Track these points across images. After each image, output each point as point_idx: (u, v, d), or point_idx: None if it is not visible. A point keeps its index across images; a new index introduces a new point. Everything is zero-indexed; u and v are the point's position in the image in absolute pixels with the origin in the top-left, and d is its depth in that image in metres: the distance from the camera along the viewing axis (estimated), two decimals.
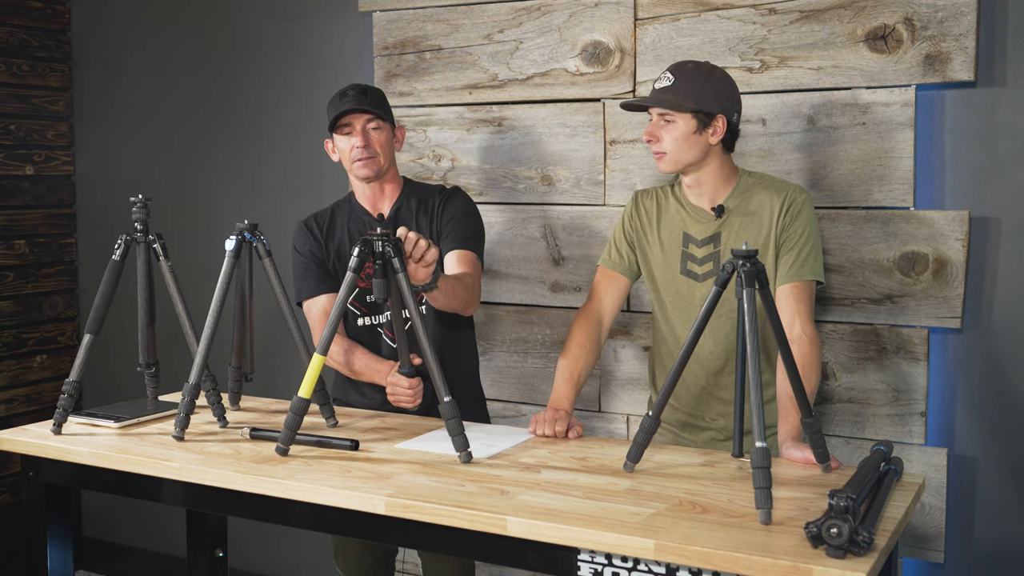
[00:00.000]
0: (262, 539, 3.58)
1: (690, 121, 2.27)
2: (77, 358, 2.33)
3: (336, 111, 2.52)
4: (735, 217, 2.34)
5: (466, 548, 1.82)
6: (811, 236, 2.31)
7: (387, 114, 2.57)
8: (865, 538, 1.51)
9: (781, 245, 2.31)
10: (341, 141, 2.55)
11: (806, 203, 2.32)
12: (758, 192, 2.34)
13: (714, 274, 2.33)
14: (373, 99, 2.54)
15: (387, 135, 2.56)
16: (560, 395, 2.33)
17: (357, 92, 2.53)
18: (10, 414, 3.80)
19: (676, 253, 2.38)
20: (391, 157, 2.59)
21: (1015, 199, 2.51)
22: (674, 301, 2.40)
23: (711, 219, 2.35)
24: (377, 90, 2.60)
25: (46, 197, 3.93)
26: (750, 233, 2.32)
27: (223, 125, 3.65)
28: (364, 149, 2.52)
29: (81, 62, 3.96)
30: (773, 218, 2.31)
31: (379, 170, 2.55)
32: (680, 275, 2.38)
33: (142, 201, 2.38)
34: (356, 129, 2.52)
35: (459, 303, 2.41)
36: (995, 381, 2.55)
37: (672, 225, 2.40)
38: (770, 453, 1.72)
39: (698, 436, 2.43)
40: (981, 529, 2.59)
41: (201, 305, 2.34)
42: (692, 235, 2.37)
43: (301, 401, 2.06)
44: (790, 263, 2.29)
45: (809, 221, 2.31)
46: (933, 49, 2.52)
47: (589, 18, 2.94)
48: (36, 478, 2.26)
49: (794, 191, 2.33)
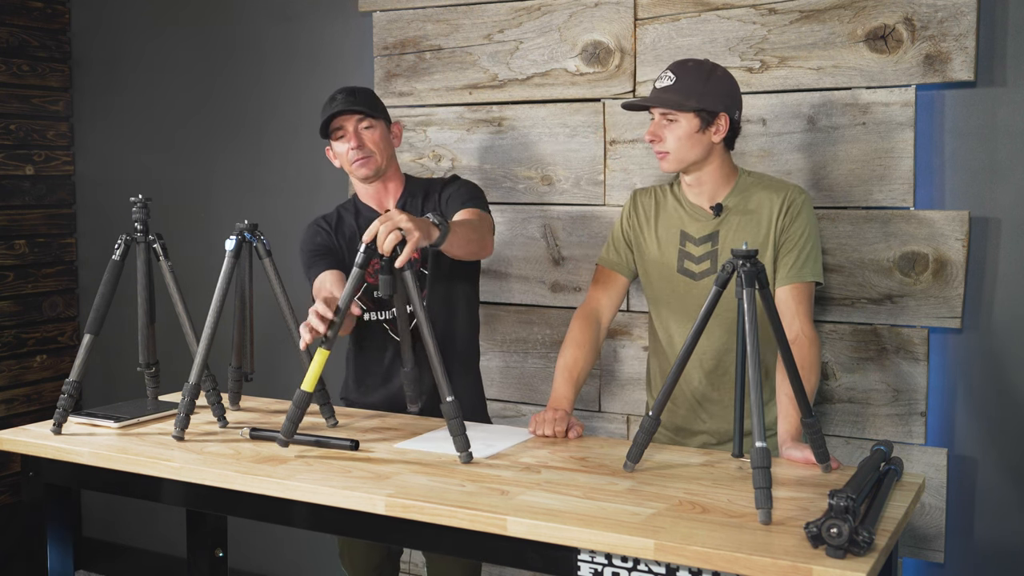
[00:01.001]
0: (262, 539, 3.58)
1: (693, 120, 2.26)
2: (77, 358, 2.33)
3: (326, 115, 2.52)
4: (733, 216, 2.34)
5: (466, 548, 1.82)
6: (811, 237, 2.30)
7: (378, 112, 2.56)
8: (865, 538, 1.51)
9: (781, 246, 2.31)
10: (337, 146, 2.55)
11: (805, 204, 2.32)
12: (757, 191, 2.34)
13: (711, 273, 2.33)
14: (361, 99, 2.53)
15: (381, 132, 2.55)
16: (559, 395, 2.33)
17: (345, 95, 2.53)
18: (10, 414, 3.80)
19: (673, 251, 2.38)
20: (389, 154, 2.58)
21: (1015, 199, 2.51)
22: (669, 300, 2.40)
23: (709, 217, 2.35)
24: (365, 89, 2.59)
25: (46, 197, 3.93)
26: (748, 232, 2.32)
27: (223, 125, 3.65)
28: (359, 150, 2.51)
29: (81, 62, 3.96)
30: (772, 218, 2.31)
31: (378, 168, 2.55)
32: (677, 273, 2.38)
33: (142, 201, 2.38)
34: (348, 131, 2.52)
35: (475, 246, 2.38)
36: (995, 381, 2.55)
37: (670, 223, 2.40)
38: (770, 453, 1.72)
39: (691, 440, 2.43)
40: (981, 529, 2.59)
41: (201, 305, 2.34)
42: (690, 233, 2.37)
43: (303, 394, 2.06)
44: (790, 264, 2.29)
45: (809, 222, 2.31)
46: (933, 49, 2.52)
47: (589, 18, 2.94)
48: (36, 478, 2.26)
49: (794, 191, 2.33)
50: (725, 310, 2.30)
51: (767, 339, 2.21)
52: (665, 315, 2.42)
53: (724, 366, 2.35)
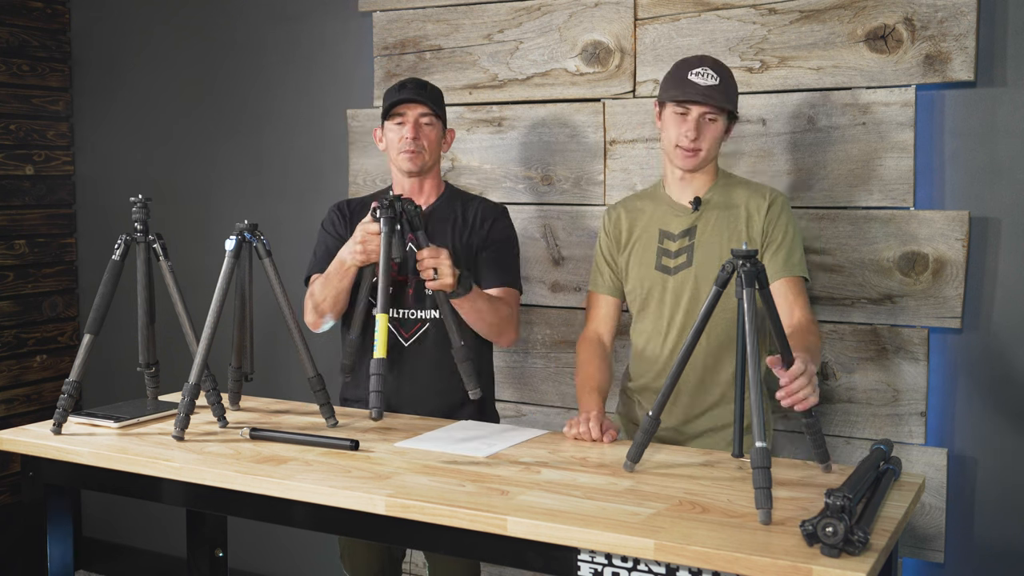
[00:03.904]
0: (262, 539, 3.58)
1: (724, 122, 2.32)
2: (77, 358, 2.33)
3: (392, 99, 2.53)
4: (711, 211, 2.37)
5: (466, 548, 1.82)
6: (796, 235, 2.35)
7: (442, 112, 2.57)
8: (860, 538, 1.51)
9: (766, 243, 2.33)
10: (391, 131, 2.55)
11: (786, 204, 2.38)
12: (737, 188, 2.39)
13: (686, 267, 2.35)
14: (431, 94, 2.55)
15: (437, 133, 2.56)
16: (586, 403, 2.33)
17: (416, 85, 2.55)
18: (10, 414, 3.80)
19: (652, 250, 2.41)
20: (436, 156, 2.59)
21: (1015, 199, 2.51)
22: (646, 300, 2.41)
23: (688, 212, 2.37)
24: (436, 88, 2.61)
25: (46, 197, 3.93)
26: (726, 227, 2.35)
27: (223, 125, 3.65)
28: (413, 141, 2.51)
29: (81, 62, 3.96)
30: (752, 215, 2.34)
31: (423, 165, 2.54)
32: (654, 270, 2.40)
33: (142, 201, 2.39)
34: (409, 120, 2.52)
35: (486, 327, 2.46)
36: (995, 381, 2.55)
37: (649, 224, 2.43)
38: (770, 453, 1.72)
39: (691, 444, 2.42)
40: (981, 529, 2.59)
41: (201, 305, 2.34)
42: (669, 230, 2.39)
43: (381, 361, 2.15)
44: (781, 260, 2.32)
45: (791, 221, 2.36)
46: (933, 49, 2.52)
47: (589, 18, 2.94)
48: (36, 478, 2.26)
49: (775, 192, 2.38)
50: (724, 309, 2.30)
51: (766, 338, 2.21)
52: (640, 316, 2.43)
53: (722, 365, 2.36)
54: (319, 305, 2.50)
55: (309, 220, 3.09)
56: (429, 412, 2.50)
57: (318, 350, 2.53)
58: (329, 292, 2.47)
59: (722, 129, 2.33)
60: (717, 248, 2.34)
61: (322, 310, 2.50)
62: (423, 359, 2.53)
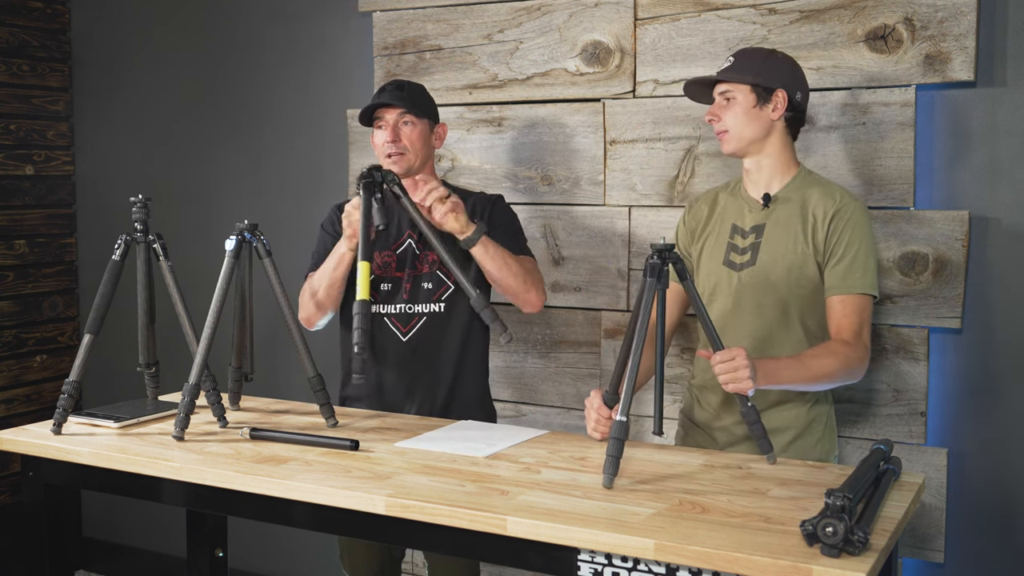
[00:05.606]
0: (262, 539, 3.58)
1: (749, 95, 2.27)
2: (77, 358, 2.33)
3: (370, 104, 2.54)
4: (783, 209, 2.30)
5: (466, 548, 1.82)
6: (861, 246, 2.23)
7: (422, 110, 2.56)
8: (860, 538, 1.51)
9: (827, 255, 2.25)
10: (376, 135, 2.57)
11: (856, 212, 2.25)
12: (812, 188, 2.31)
13: (750, 264, 2.31)
14: (408, 94, 2.55)
15: (421, 131, 2.55)
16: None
17: (394, 87, 2.56)
18: (10, 414, 3.80)
19: (723, 244, 2.37)
20: (424, 154, 2.58)
21: (1015, 199, 2.51)
22: (713, 294, 2.36)
23: (759, 208, 2.33)
24: (416, 85, 2.60)
25: (46, 197, 3.93)
26: (792, 227, 2.28)
27: (223, 125, 3.65)
28: (393, 144, 2.52)
29: (81, 62, 3.96)
30: (817, 223, 2.26)
31: (409, 167, 2.54)
32: (722, 265, 2.36)
33: (142, 201, 2.39)
34: (388, 124, 2.53)
35: (513, 279, 2.44)
36: (995, 381, 2.55)
37: (724, 217, 2.39)
38: (628, 426, 1.85)
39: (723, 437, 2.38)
40: (981, 529, 2.59)
41: (201, 305, 2.34)
42: (740, 225, 2.35)
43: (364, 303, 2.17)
44: (838, 276, 2.23)
45: (857, 231, 2.24)
46: (933, 49, 2.52)
47: (589, 18, 2.94)
48: (36, 478, 2.26)
49: (844, 198, 2.27)
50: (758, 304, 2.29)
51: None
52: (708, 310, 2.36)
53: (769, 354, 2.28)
54: (315, 294, 2.52)
55: (309, 220, 3.09)
56: (428, 406, 2.51)
57: (318, 350, 2.53)
58: (323, 281, 2.49)
59: (746, 104, 2.26)
60: (781, 250, 2.27)
61: (318, 300, 2.52)
62: (422, 353, 2.53)
